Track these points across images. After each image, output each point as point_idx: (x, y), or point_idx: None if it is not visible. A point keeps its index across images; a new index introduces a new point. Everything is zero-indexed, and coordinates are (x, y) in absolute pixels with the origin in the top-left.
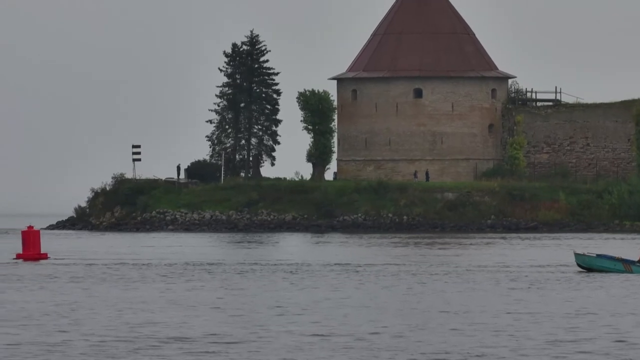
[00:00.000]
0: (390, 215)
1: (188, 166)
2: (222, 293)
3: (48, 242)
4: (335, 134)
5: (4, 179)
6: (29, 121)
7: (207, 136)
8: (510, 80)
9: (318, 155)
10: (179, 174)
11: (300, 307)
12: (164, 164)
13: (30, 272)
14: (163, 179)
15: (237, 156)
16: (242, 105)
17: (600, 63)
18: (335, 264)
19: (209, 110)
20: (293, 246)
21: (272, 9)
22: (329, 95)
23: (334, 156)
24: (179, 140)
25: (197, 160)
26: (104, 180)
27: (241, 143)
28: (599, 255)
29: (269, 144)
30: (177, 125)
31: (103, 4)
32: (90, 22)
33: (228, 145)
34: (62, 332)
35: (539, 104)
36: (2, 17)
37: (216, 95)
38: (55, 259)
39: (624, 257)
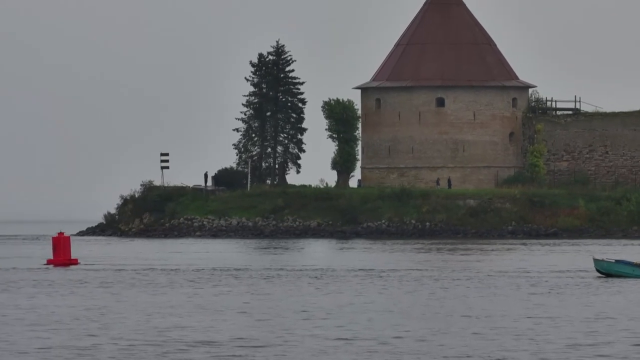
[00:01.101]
0: (413, 221)
1: (215, 174)
2: (249, 298)
3: (78, 248)
4: (360, 142)
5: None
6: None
7: (234, 144)
8: (530, 90)
9: (342, 163)
10: (206, 181)
11: (325, 312)
12: (191, 171)
13: (61, 277)
14: (191, 186)
15: (263, 164)
16: (268, 114)
17: (618, 73)
18: (360, 270)
19: (236, 119)
20: (318, 252)
21: (298, 20)
22: (353, 104)
23: (358, 164)
24: (206, 148)
25: (224, 167)
26: (133, 187)
27: (267, 151)
28: (617, 261)
29: (294, 151)
30: (204, 133)
31: (133, 17)
32: (121, 35)
33: (254, 153)
34: (92, 336)
35: (558, 112)
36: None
37: (243, 104)
38: (85, 264)
39: None
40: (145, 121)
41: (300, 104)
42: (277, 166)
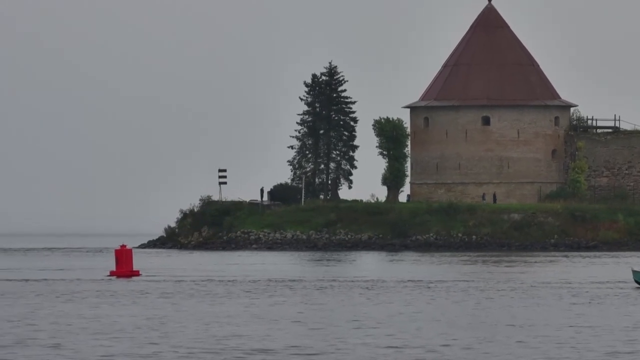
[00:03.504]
0: (460, 235)
1: (271, 189)
2: (303, 308)
3: (140, 260)
4: (409, 159)
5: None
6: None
7: (288, 161)
8: (572, 109)
9: (392, 179)
10: (262, 196)
11: (375, 321)
12: (248, 187)
13: (123, 288)
14: (247, 201)
15: (316, 179)
16: (322, 132)
17: None
18: (409, 281)
19: (291, 136)
20: (369, 264)
21: (350, 43)
22: (402, 122)
23: (408, 179)
24: (262, 164)
25: (279, 183)
26: (192, 202)
27: (320, 167)
28: None
29: (346, 168)
30: (260, 150)
31: (189, 37)
32: (183, 56)
33: (308, 169)
34: (153, 344)
35: (599, 130)
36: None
37: (297, 123)
38: (147, 275)
39: None
40: (204, 139)
41: (352, 123)
42: (330, 182)
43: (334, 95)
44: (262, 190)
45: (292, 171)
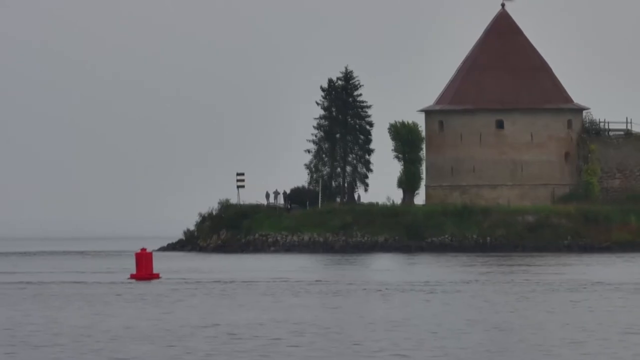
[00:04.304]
0: (474, 236)
1: (285, 192)
2: (322, 310)
3: (159, 263)
4: (424, 162)
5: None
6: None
7: (305, 164)
8: (584, 112)
9: (408, 182)
10: (276, 199)
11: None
12: (265, 190)
13: (144, 291)
14: (265, 204)
15: (333, 183)
16: (338, 136)
17: None
18: (425, 282)
19: (307, 140)
20: (385, 266)
21: (366, 48)
22: (417, 126)
23: (423, 182)
24: (279, 168)
25: (296, 186)
26: (210, 205)
27: (337, 171)
28: None
29: (362, 171)
30: (277, 154)
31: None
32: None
33: (325, 172)
34: (171, 347)
35: (611, 133)
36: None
37: (313, 127)
38: (167, 278)
39: None
40: (222, 143)
41: (367, 127)
42: (346, 185)
43: (350, 99)
44: (276, 193)
45: (309, 175)
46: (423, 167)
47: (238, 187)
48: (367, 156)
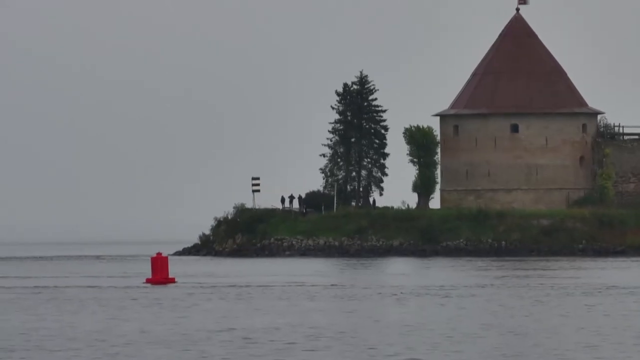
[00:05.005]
0: (489, 240)
1: (301, 196)
2: (340, 314)
3: (174, 267)
4: (439, 166)
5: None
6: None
7: (320, 169)
8: (599, 116)
9: (423, 186)
10: (291, 203)
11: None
12: (281, 194)
13: (159, 295)
14: (280, 208)
15: (348, 187)
16: (353, 140)
17: None
18: (441, 286)
19: (322, 144)
20: (400, 272)
21: (380, 52)
22: (432, 130)
23: (438, 186)
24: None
25: (311, 191)
26: (226, 209)
27: (352, 175)
28: None
29: (377, 175)
30: (293, 158)
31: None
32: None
33: (340, 177)
34: (186, 351)
35: (625, 137)
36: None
37: (329, 131)
38: (183, 283)
39: None
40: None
41: (382, 131)
42: (361, 189)
43: (365, 104)
44: (291, 197)
45: (324, 179)
46: (438, 171)
47: (253, 191)
48: (382, 160)
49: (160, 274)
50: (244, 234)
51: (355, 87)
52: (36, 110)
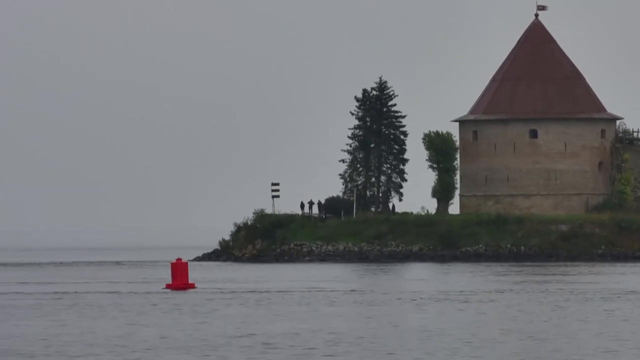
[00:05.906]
0: (509, 246)
1: (320, 202)
2: (358, 318)
3: (195, 273)
4: (458, 172)
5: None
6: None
7: (340, 174)
8: (618, 121)
9: (442, 191)
10: (310, 208)
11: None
12: (300, 200)
13: (179, 301)
14: (300, 213)
15: (367, 192)
16: (372, 145)
17: None
18: (460, 291)
19: (342, 150)
20: (420, 277)
21: (400, 58)
22: (451, 136)
23: (457, 192)
24: (314, 178)
25: (331, 196)
26: (245, 215)
27: (371, 180)
28: None
29: (397, 181)
30: (312, 164)
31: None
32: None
33: (359, 182)
34: (206, 357)
35: None
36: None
37: (348, 137)
38: (203, 288)
39: None
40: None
41: (402, 136)
42: (380, 195)
43: (384, 109)
44: (310, 203)
45: (343, 184)
46: (457, 177)
47: (273, 197)
48: (401, 166)
49: (180, 279)
50: (264, 239)
51: (374, 92)
52: (37, 110)
